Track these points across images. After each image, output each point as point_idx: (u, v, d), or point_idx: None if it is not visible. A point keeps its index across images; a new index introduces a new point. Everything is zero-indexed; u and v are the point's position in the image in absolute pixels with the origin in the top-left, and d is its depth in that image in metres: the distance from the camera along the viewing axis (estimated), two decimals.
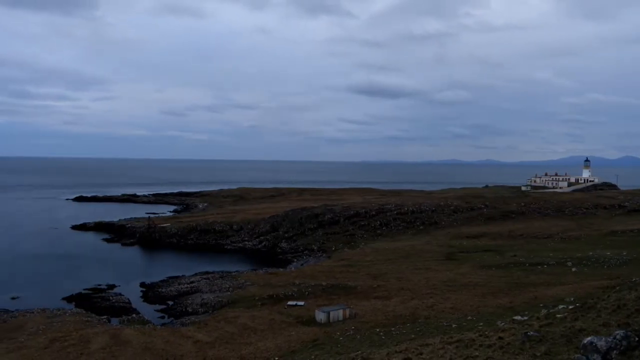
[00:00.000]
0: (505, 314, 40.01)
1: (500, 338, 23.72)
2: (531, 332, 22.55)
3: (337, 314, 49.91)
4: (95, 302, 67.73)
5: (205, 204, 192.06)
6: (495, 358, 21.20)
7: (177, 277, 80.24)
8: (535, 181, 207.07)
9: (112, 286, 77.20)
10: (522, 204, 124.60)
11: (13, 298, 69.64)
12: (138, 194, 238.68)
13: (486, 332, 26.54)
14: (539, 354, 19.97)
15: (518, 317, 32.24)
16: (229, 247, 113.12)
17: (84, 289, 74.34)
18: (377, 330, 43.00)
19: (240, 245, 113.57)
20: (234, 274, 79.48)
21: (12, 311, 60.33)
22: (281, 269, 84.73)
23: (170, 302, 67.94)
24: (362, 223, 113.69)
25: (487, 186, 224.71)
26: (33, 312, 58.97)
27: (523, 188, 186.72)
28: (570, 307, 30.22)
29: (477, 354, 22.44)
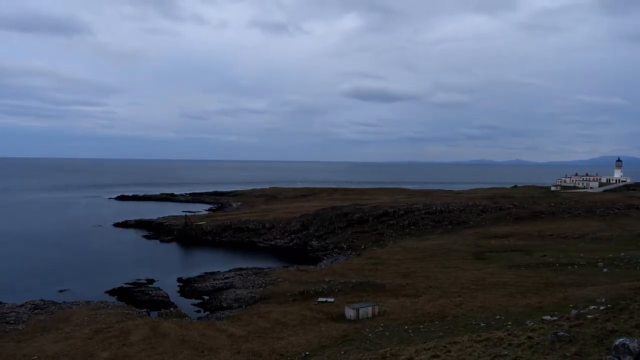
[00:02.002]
0: (535, 314, 39.39)
1: (529, 337, 23.52)
2: (561, 333, 22.31)
3: (366, 311, 50.04)
4: (136, 295, 69.84)
5: (239, 203, 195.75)
6: (524, 357, 20.84)
7: (212, 273, 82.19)
8: (565, 181, 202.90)
9: (152, 281, 79.53)
10: (552, 204, 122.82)
11: (60, 291, 72.56)
12: (175, 193, 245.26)
13: (515, 332, 26.42)
14: (569, 355, 19.56)
15: (547, 317, 31.93)
16: (261, 244, 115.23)
17: (125, 283, 76.84)
18: (406, 327, 42.84)
19: (272, 243, 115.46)
20: (266, 270, 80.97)
21: (59, 303, 62.71)
22: (312, 267, 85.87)
23: (206, 297, 69.67)
24: (391, 222, 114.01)
25: (515, 186, 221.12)
26: (78, 305, 61.21)
27: (552, 188, 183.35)
28: (602, 308, 29.95)
29: (505, 352, 22.15)
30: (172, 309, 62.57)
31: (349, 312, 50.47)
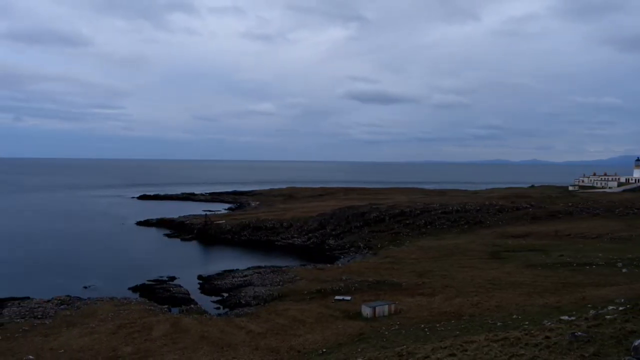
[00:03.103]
0: (552, 314, 39.13)
1: (546, 337, 23.44)
2: (579, 333, 22.20)
3: (383, 309, 50.49)
4: (158, 292, 71.10)
5: (257, 203, 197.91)
6: (541, 357, 20.71)
7: (231, 271, 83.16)
8: (583, 181, 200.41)
9: (173, 278, 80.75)
10: (570, 204, 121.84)
11: (85, 287, 74.33)
12: (196, 192, 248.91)
13: (532, 331, 26.38)
14: (587, 355, 19.42)
15: (565, 317, 31.83)
16: (279, 243, 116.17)
17: (148, 280, 78.24)
18: (422, 326, 43.22)
19: (290, 241, 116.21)
20: (284, 268, 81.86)
21: (85, 299, 64.43)
22: (329, 265, 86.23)
23: (225, 294, 70.63)
24: (407, 222, 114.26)
25: (532, 186, 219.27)
26: (103, 301, 62.81)
27: (570, 188, 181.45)
28: (621, 308, 29.79)
29: (522, 352, 22.07)
30: (192, 305, 63.82)
31: (366, 310, 50.99)
